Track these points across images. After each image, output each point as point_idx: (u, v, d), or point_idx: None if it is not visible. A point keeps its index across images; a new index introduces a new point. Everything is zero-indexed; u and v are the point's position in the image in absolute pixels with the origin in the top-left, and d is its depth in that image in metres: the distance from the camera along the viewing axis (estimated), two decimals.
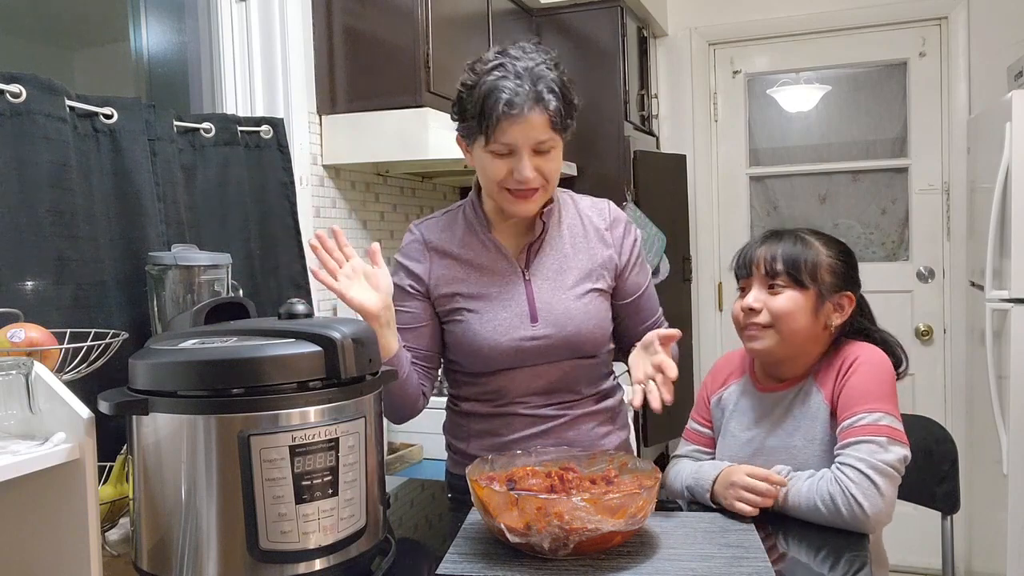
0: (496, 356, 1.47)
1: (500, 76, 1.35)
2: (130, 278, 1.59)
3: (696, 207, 3.61)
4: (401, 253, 1.55)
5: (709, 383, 1.65)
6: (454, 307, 1.49)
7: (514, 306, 1.48)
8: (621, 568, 1.11)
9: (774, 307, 1.45)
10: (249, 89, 2.21)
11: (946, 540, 1.74)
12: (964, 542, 3.02)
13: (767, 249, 1.48)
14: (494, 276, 1.50)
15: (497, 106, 1.33)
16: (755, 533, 1.23)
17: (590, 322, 1.49)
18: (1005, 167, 2.44)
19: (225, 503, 0.99)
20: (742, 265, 1.51)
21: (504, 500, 1.13)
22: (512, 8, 2.87)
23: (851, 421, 1.36)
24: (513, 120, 1.34)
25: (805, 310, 1.45)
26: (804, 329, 1.45)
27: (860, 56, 3.43)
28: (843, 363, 1.44)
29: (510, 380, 1.49)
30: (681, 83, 3.62)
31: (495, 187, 1.42)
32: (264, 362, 1.01)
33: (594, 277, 1.52)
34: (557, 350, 1.48)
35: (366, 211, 2.57)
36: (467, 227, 1.53)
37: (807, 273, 1.44)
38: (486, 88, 1.35)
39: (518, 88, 1.34)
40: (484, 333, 1.46)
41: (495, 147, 1.37)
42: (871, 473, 1.29)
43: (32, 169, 1.39)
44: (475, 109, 1.37)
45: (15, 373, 1.05)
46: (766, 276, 1.46)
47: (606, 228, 1.55)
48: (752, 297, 1.47)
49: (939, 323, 3.37)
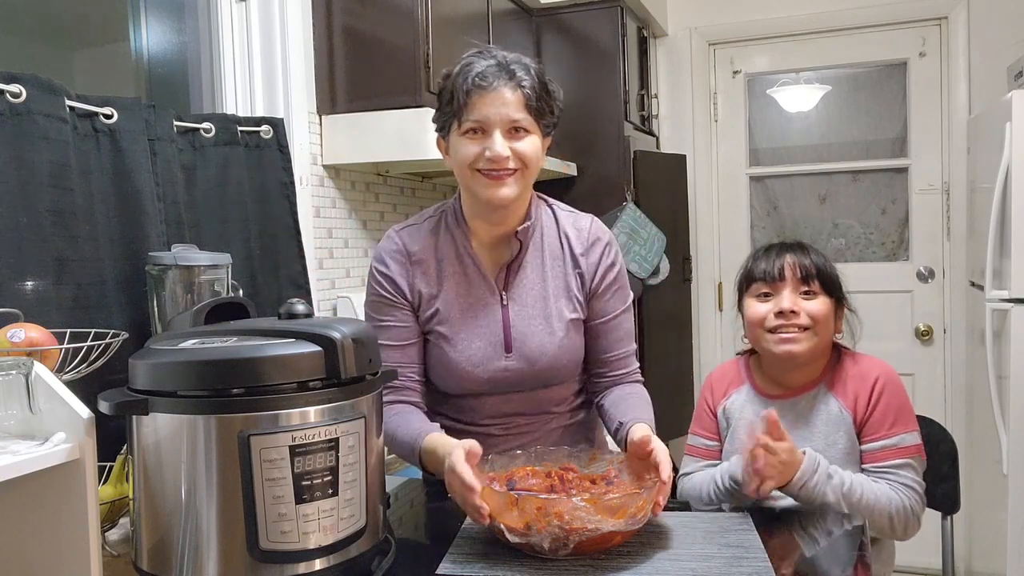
0: (468, 384, 1.46)
1: (472, 61, 1.37)
2: (130, 278, 1.59)
3: (696, 207, 3.61)
4: (381, 262, 1.48)
5: (709, 396, 1.67)
6: (430, 328, 1.47)
7: (489, 334, 1.45)
8: (621, 568, 1.11)
9: (812, 310, 1.51)
10: (249, 89, 2.21)
11: (946, 540, 1.74)
12: (964, 542, 3.02)
13: (797, 257, 1.54)
14: (471, 298, 1.46)
15: (467, 81, 1.33)
16: (755, 533, 1.23)
17: (563, 357, 1.47)
18: (1005, 167, 2.44)
19: (225, 503, 0.99)
20: (766, 271, 1.54)
21: (504, 500, 1.13)
22: (512, 8, 2.87)
23: (895, 441, 1.48)
24: (483, 93, 1.33)
25: (830, 317, 1.53)
26: (829, 335, 1.54)
27: (860, 56, 3.43)
28: (863, 379, 1.51)
29: (481, 403, 1.49)
30: (681, 83, 3.62)
31: (468, 171, 1.38)
32: (264, 362, 1.01)
33: (571, 305, 1.47)
34: (529, 381, 1.47)
35: (366, 211, 2.57)
36: (448, 239, 1.49)
37: (831, 280, 1.53)
38: (457, 70, 1.36)
39: (490, 65, 1.35)
40: (459, 361, 1.44)
41: (468, 124, 1.35)
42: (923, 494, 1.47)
43: (32, 169, 1.39)
44: (448, 93, 1.37)
45: (15, 373, 1.05)
46: (800, 281, 1.52)
47: (582, 253, 1.49)
48: (790, 300, 1.51)
49: (939, 323, 3.37)
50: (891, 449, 1.47)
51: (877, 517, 1.40)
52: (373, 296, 1.49)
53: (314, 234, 2.28)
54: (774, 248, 1.58)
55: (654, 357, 3.03)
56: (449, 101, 1.37)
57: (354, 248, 2.51)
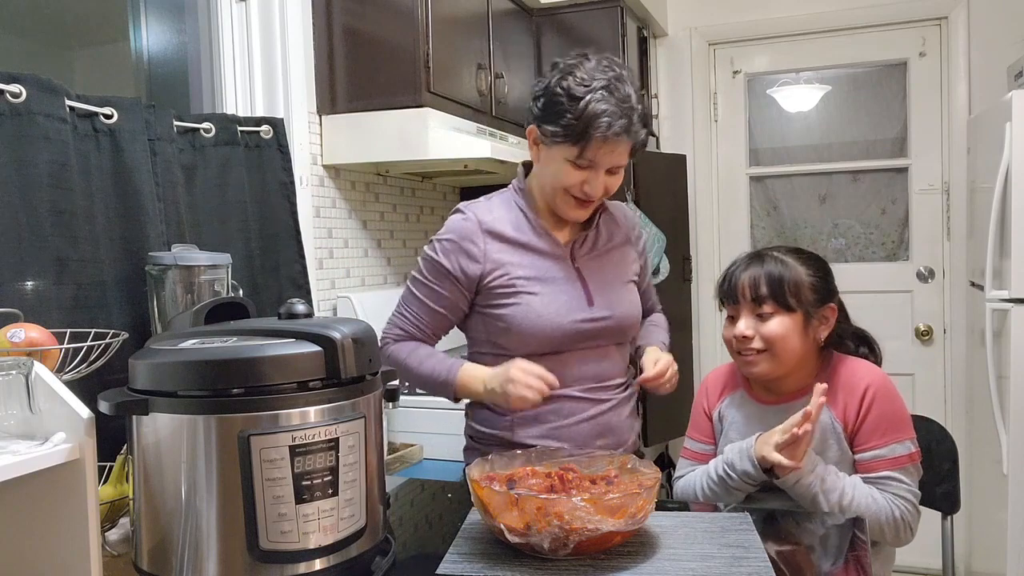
0: (556, 337, 1.52)
1: (604, 98, 1.42)
2: (130, 278, 1.59)
3: (696, 207, 3.61)
4: (454, 233, 1.55)
5: (704, 400, 1.68)
6: (513, 289, 1.52)
7: (571, 290, 1.55)
8: (621, 568, 1.11)
9: (766, 333, 1.50)
10: (249, 89, 2.21)
11: (946, 540, 1.74)
12: (964, 542, 3.02)
13: (750, 275, 1.52)
14: (548, 261, 1.56)
15: (598, 129, 1.42)
16: (755, 533, 1.23)
17: (634, 309, 1.63)
18: (1005, 167, 2.44)
19: (225, 503, 0.99)
20: (727, 292, 1.56)
21: (504, 500, 1.13)
22: (512, 8, 2.87)
23: (887, 451, 1.46)
24: (604, 143, 1.44)
25: (795, 331, 1.50)
26: (797, 348, 1.51)
27: (860, 56, 3.43)
28: (853, 388, 1.49)
29: (561, 364, 1.52)
30: (681, 83, 3.62)
31: (560, 191, 1.51)
32: (264, 362, 1.01)
33: (629, 272, 1.65)
34: (609, 333, 1.57)
35: (366, 211, 2.57)
36: (520, 214, 1.58)
37: (792, 295, 1.50)
38: (592, 109, 1.42)
39: (618, 116, 1.43)
40: (547, 314, 1.51)
41: (580, 161, 1.46)
42: (917, 503, 1.47)
43: (32, 169, 1.39)
44: (575, 121, 1.43)
45: (15, 373, 1.05)
46: (753, 303, 1.51)
47: (631, 228, 1.70)
48: (744, 325, 1.52)
49: (939, 323, 3.37)
50: (884, 459, 1.46)
51: (870, 524, 1.39)
52: (433, 259, 1.56)
53: (314, 234, 2.28)
54: (738, 264, 1.57)
55: None
56: (571, 127, 1.43)
57: (354, 248, 2.51)
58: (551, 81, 1.47)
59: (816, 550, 1.26)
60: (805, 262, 1.54)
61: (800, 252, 1.58)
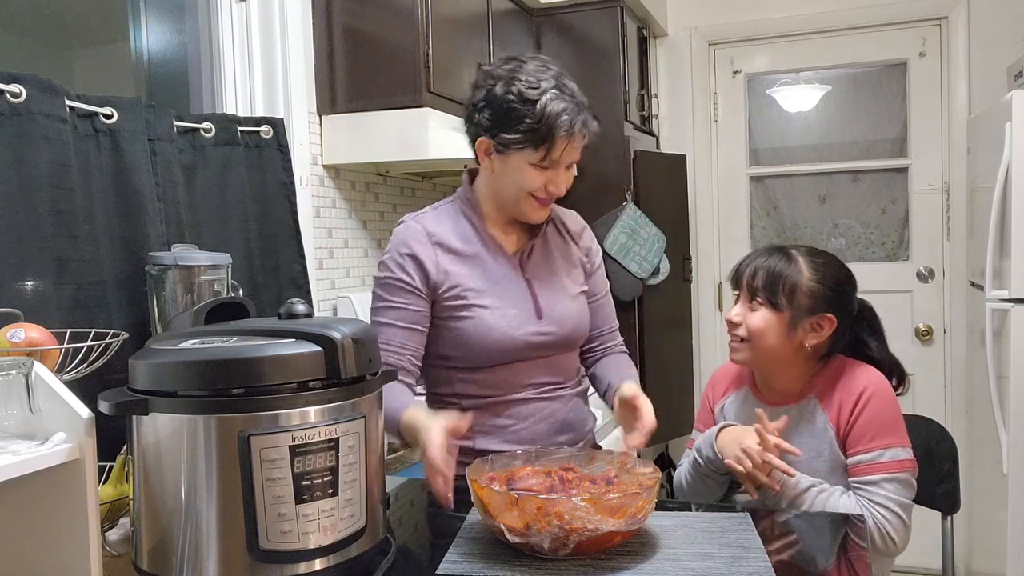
0: (506, 350, 1.50)
1: (558, 97, 1.42)
2: (130, 278, 1.59)
3: (696, 207, 3.61)
4: (403, 244, 1.52)
5: (710, 393, 1.71)
6: (463, 302, 1.50)
7: (521, 302, 1.53)
8: (621, 568, 1.11)
9: (749, 323, 1.52)
10: (249, 89, 2.21)
11: (946, 540, 1.74)
12: (964, 542, 3.02)
13: (753, 265, 1.53)
14: (497, 274, 1.53)
15: (561, 129, 1.41)
16: (755, 533, 1.23)
17: (583, 321, 1.60)
18: (1005, 167, 2.44)
19: (225, 503, 0.99)
20: (733, 276, 1.58)
21: (504, 500, 1.13)
22: (512, 8, 2.87)
23: (873, 456, 1.44)
24: (566, 140, 1.43)
25: (776, 330, 1.50)
26: (775, 347, 1.51)
27: (860, 56, 3.43)
28: (850, 391, 1.49)
29: (513, 373, 1.52)
30: (681, 83, 3.62)
31: (523, 195, 1.48)
32: (264, 362, 1.01)
33: (578, 280, 1.62)
34: (557, 345, 1.55)
35: (366, 211, 2.57)
36: (466, 223, 1.56)
37: (784, 295, 1.50)
38: (551, 109, 1.41)
39: (576, 113, 1.43)
40: (499, 327, 1.49)
41: (546, 161, 1.45)
42: (901, 512, 1.42)
43: (32, 169, 1.39)
44: (537, 125, 1.42)
45: (15, 373, 1.05)
46: (748, 292, 1.53)
47: (579, 235, 1.66)
48: (734, 311, 1.55)
49: (939, 323, 3.37)
50: (869, 464, 1.43)
51: None
52: (389, 279, 1.51)
53: (314, 234, 2.28)
54: (755, 253, 1.58)
55: (654, 357, 3.03)
56: (531, 131, 1.42)
57: (354, 248, 2.51)
58: (495, 90, 1.44)
59: (815, 549, 1.26)
60: (816, 268, 1.52)
61: (820, 257, 1.55)
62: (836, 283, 1.53)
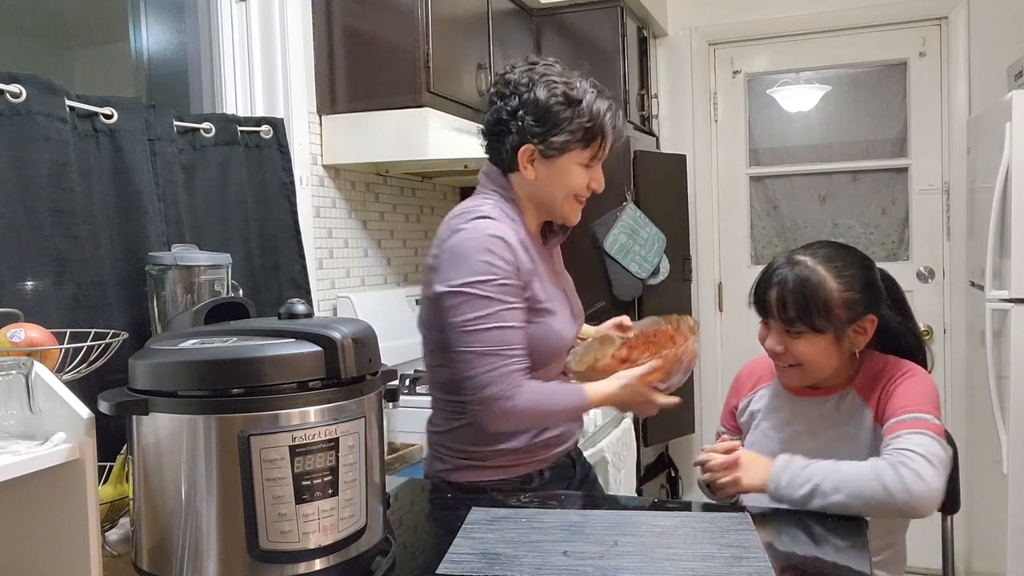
0: (559, 353, 1.54)
1: (599, 94, 1.46)
2: (130, 278, 1.59)
3: (696, 207, 3.61)
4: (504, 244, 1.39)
5: (733, 393, 1.72)
6: (541, 306, 1.46)
7: (567, 304, 1.57)
8: (621, 568, 1.11)
9: (796, 351, 1.48)
10: (249, 89, 2.21)
11: (946, 540, 1.74)
12: (964, 542, 3.02)
13: (775, 290, 1.47)
14: (550, 277, 1.54)
15: (609, 123, 1.46)
16: (755, 533, 1.23)
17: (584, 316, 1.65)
18: (1005, 167, 2.44)
19: (225, 503, 0.99)
20: (758, 305, 1.52)
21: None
22: (512, 8, 2.87)
23: (901, 418, 1.39)
24: (612, 136, 1.48)
25: (826, 350, 1.48)
26: (830, 362, 1.49)
27: (860, 56, 3.43)
28: (889, 375, 1.48)
29: (547, 373, 1.51)
30: (681, 83, 3.62)
31: (569, 196, 1.50)
32: (264, 362, 1.01)
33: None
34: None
35: (366, 211, 2.57)
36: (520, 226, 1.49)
37: (820, 316, 1.44)
38: (598, 107, 1.44)
39: (616, 108, 1.47)
40: (560, 330, 1.50)
41: (592, 160, 1.48)
42: (930, 456, 1.31)
43: (32, 169, 1.39)
44: (587, 123, 1.44)
45: (15, 373, 1.05)
46: (782, 322, 1.48)
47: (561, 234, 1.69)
48: (775, 341, 1.50)
49: (939, 323, 3.37)
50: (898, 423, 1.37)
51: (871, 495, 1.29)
52: (502, 279, 1.38)
53: (314, 234, 2.28)
54: (770, 273, 1.50)
55: None
56: (584, 129, 1.44)
57: (354, 248, 2.51)
58: (536, 94, 1.41)
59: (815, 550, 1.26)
60: (839, 274, 1.45)
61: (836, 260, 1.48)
62: (864, 284, 1.47)
